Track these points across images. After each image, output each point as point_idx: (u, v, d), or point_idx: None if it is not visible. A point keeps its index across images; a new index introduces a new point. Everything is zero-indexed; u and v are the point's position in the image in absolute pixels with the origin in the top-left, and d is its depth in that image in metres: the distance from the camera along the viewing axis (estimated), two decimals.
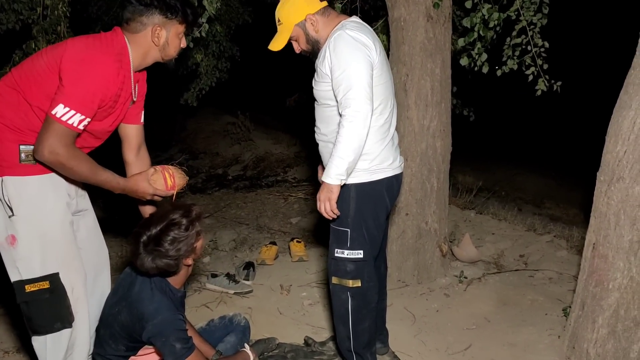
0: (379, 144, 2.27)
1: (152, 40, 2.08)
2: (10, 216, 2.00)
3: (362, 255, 2.30)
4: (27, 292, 2.02)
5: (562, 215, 5.84)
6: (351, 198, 2.28)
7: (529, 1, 3.45)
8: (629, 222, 2.35)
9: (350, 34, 2.15)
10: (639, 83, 2.30)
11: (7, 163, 1.98)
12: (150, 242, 1.98)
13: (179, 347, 2.00)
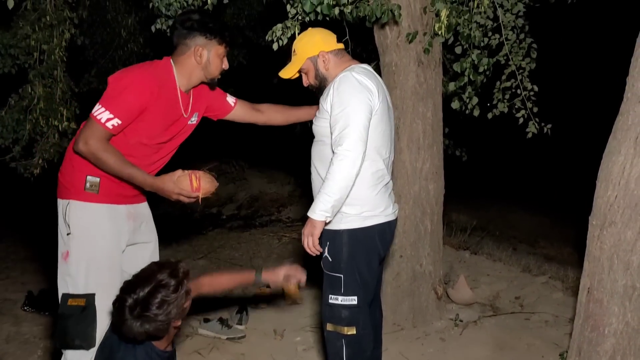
0: (371, 190, 2.28)
1: (195, 59, 2.31)
2: (68, 234, 2.26)
3: (356, 302, 2.28)
4: (67, 305, 2.22)
5: (557, 255, 5.83)
6: (343, 244, 2.28)
7: (517, 46, 3.52)
8: (623, 266, 2.35)
9: (356, 76, 2.21)
10: (627, 129, 2.33)
11: (74, 189, 2.27)
12: (137, 307, 1.79)
13: None
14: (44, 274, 4.87)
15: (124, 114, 2.17)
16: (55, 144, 4.28)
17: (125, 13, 6.02)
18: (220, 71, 2.41)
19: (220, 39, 2.33)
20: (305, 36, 2.40)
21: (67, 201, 2.28)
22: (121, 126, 2.19)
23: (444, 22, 3.04)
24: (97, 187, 2.26)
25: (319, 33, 2.40)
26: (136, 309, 1.79)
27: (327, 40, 2.38)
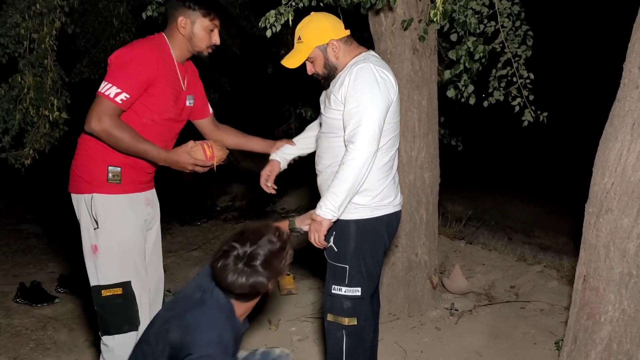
0: (382, 180, 2.25)
1: (180, 30, 2.30)
2: (95, 228, 2.26)
3: (359, 293, 2.26)
4: (103, 296, 2.27)
5: (552, 244, 5.83)
6: (351, 234, 2.25)
7: (513, 33, 3.48)
8: (619, 254, 2.34)
9: (376, 69, 2.14)
10: (623, 115, 2.31)
11: (97, 182, 2.26)
12: (244, 258, 1.83)
13: None
14: (36, 266, 4.85)
15: (132, 87, 2.17)
16: (46, 134, 4.21)
17: (116, 2, 5.93)
18: (208, 45, 2.37)
19: (205, 10, 2.30)
20: (312, 22, 2.23)
21: (90, 195, 2.27)
22: (130, 100, 2.18)
23: (439, 9, 3.00)
24: (119, 177, 2.28)
25: (327, 19, 2.25)
26: (243, 260, 1.83)
27: (337, 27, 2.24)
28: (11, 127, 4.11)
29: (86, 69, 6.21)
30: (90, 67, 6.23)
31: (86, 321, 3.64)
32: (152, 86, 2.24)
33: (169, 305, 2.03)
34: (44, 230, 6.22)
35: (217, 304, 1.89)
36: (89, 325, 3.58)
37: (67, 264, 4.84)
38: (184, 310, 1.90)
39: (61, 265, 4.79)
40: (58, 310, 3.82)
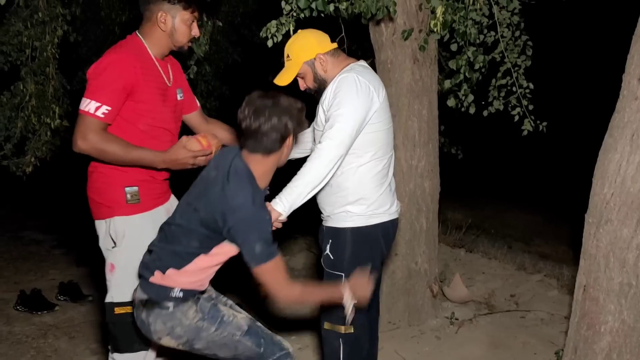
0: (377, 189, 2.26)
1: (159, 26, 2.25)
2: (113, 247, 2.26)
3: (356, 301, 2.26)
4: (115, 314, 2.26)
5: (552, 253, 5.83)
6: (347, 242, 2.26)
7: (513, 43, 3.51)
8: (619, 264, 2.35)
9: (357, 77, 2.16)
10: (623, 126, 2.32)
11: (116, 205, 2.24)
12: (269, 108, 1.88)
13: (258, 249, 1.82)
14: (36, 273, 4.85)
15: (110, 98, 2.12)
16: (48, 141, 4.23)
17: (119, 10, 5.96)
18: (189, 39, 2.34)
19: (185, 3, 2.25)
20: (298, 39, 2.30)
21: (110, 220, 2.25)
22: (112, 112, 2.13)
23: (439, 19, 3.02)
24: (137, 197, 2.25)
25: (312, 35, 2.31)
26: (268, 106, 1.87)
27: (322, 42, 2.29)
28: (13, 135, 4.14)
29: None
30: None
31: (86, 329, 3.64)
32: (135, 91, 2.18)
33: (188, 194, 2.01)
34: (45, 237, 6.22)
35: (236, 172, 1.90)
36: (89, 333, 3.59)
37: (67, 271, 4.84)
38: (205, 188, 1.93)
39: (62, 273, 4.79)
40: (58, 318, 3.81)
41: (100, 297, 4.13)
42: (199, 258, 1.92)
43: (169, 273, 1.92)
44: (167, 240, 1.96)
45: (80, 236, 6.21)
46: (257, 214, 1.85)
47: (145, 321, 1.94)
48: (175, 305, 1.93)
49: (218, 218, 1.84)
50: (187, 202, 1.97)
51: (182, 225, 1.93)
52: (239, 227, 1.82)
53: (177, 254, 1.92)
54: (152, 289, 1.94)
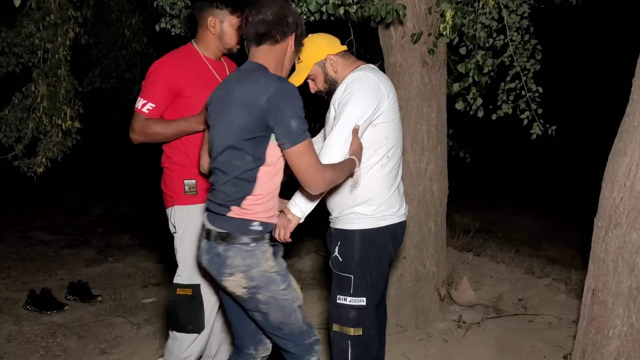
0: (386, 190, 2.27)
1: (210, 30, 2.50)
2: (174, 233, 2.54)
3: (364, 303, 2.27)
4: (176, 294, 2.48)
5: (560, 257, 5.82)
6: (355, 244, 2.27)
7: (522, 47, 3.51)
8: (628, 268, 2.34)
9: (368, 75, 2.20)
10: (633, 130, 2.32)
11: (177, 196, 2.51)
12: (272, 1, 1.96)
13: (294, 125, 1.82)
14: (45, 273, 4.89)
15: (155, 96, 2.42)
16: (59, 142, 4.26)
17: (129, 12, 6.02)
18: (237, 41, 2.53)
19: (232, 9, 2.47)
20: (309, 42, 2.31)
21: (171, 208, 2.54)
22: (157, 108, 2.43)
23: (448, 23, 3.03)
24: (195, 189, 2.49)
25: (322, 37, 2.35)
26: (269, 2, 1.95)
27: (332, 43, 2.34)
28: (24, 136, 4.17)
29: (98, 79, 6.29)
30: (102, 77, 6.31)
31: (95, 329, 3.67)
32: (182, 89, 2.44)
33: (212, 129, 2.00)
34: (53, 238, 6.26)
35: (248, 70, 1.95)
36: (98, 333, 3.61)
37: (76, 272, 4.88)
38: (226, 98, 1.93)
39: (70, 273, 4.82)
40: (67, 318, 3.84)
41: (110, 297, 4.18)
42: (260, 172, 1.91)
43: (246, 203, 1.93)
44: (224, 173, 1.94)
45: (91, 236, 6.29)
46: (286, 86, 1.87)
47: (223, 254, 1.93)
48: (256, 242, 1.94)
49: (252, 109, 1.84)
50: (217, 130, 1.96)
51: (227, 147, 1.91)
52: (274, 104, 1.81)
53: (241, 179, 1.91)
54: (231, 224, 1.94)
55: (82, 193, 8.68)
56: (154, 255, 5.37)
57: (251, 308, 2.01)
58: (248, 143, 1.87)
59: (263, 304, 1.97)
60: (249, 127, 1.85)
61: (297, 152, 1.85)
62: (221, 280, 1.96)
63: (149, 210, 7.54)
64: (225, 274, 1.94)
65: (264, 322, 2.02)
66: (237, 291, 1.96)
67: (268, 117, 1.82)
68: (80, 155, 5.46)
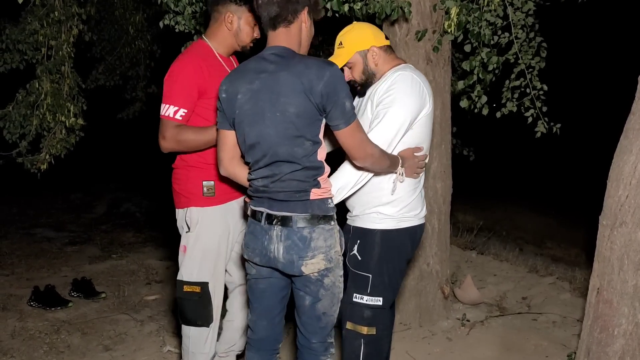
0: (412, 192, 2.26)
1: (226, 26, 2.43)
2: (187, 231, 2.51)
3: (380, 303, 2.25)
4: (183, 291, 2.50)
5: (564, 256, 5.80)
6: (376, 244, 2.25)
7: (527, 45, 3.50)
8: (633, 267, 2.33)
9: (414, 76, 2.17)
10: (638, 128, 2.31)
11: (194, 197, 2.47)
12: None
13: (349, 106, 1.86)
14: (49, 270, 4.90)
15: (185, 101, 2.35)
16: (62, 139, 4.27)
17: (133, 10, 6.01)
18: (252, 39, 2.49)
19: (250, 6, 2.39)
20: (354, 29, 2.27)
21: (187, 209, 2.50)
22: (188, 114, 2.37)
23: (453, 20, 3.02)
24: (213, 190, 2.46)
25: (369, 27, 2.28)
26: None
27: (378, 35, 2.27)
28: (28, 133, 4.18)
29: (102, 76, 6.29)
30: (106, 74, 6.31)
31: (99, 326, 3.67)
32: (205, 90, 2.38)
33: (252, 128, 1.93)
34: (57, 235, 6.27)
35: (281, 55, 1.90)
36: (102, 330, 3.62)
37: (80, 269, 4.88)
38: (271, 88, 1.88)
39: (74, 270, 4.83)
40: (71, 315, 3.85)
41: (113, 294, 4.19)
42: (319, 153, 1.93)
43: (322, 182, 1.95)
44: (289, 162, 1.90)
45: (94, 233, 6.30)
46: (336, 69, 1.86)
47: (308, 237, 1.92)
48: (334, 221, 1.98)
49: (310, 95, 1.82)
50: (267, 123, 1.89)
51: (286, 137, 1.88)
52: (332, 88, 1.82)
53: (310, 163, 1.91)
54: (314, 205, 1.94)
55: (85, 190, 8.69)
56: (157, 252, 5.38)
57: (310, 292, 1.99)
58: (307, 129, 1.87)
59: (324, 289, 1.98)
60: (307, 114, 1.85)
61: (350, 130, 1.89)
62: (300, 264, 1.93)
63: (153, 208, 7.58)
64: (307, 257, 1.93)
65: (309, 308, 2.01)
66: (315, 275, 1.96)
67: (326, 102, 1.83)
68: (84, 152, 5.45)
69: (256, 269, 2.07)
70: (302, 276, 1.96)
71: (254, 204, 2.03)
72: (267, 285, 2.08)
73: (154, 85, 6.40)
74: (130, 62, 6.39)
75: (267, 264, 2.01)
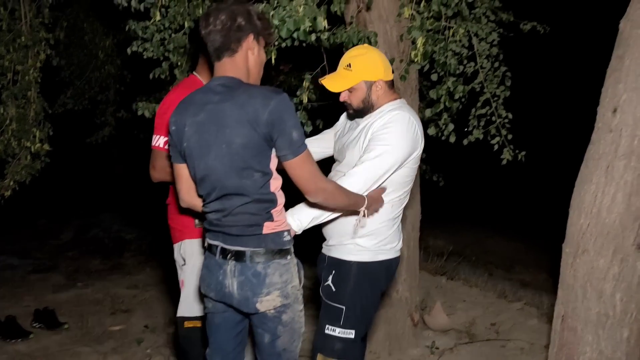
0: (390, 226, 2.25)
1: (207, 64, 2.46)
2: (182, 265, 2.54)
3: (353, 336, 2.22)
4: (185, 328, 2.49)
5: (532, 280, 5.86)
6: (351, 275, 2.23)
7: (492, 74, 3.57)
8: (596, 295, 2.36)
9: (411, 118, 2.16)
10: (598, 158, 2.36)
11: (187, 229, 2.51)
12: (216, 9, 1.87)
13: (296, 136, 1.79)
14: (10, 300, 4.74)
15: None
16: (27, 165, 4.17)
17: (103, 35, 5.99)
18: None
19: None
20: (368, 55, 2.23)
21: (181, 242, 2.55)
22: None
23: (420, 50, 3.07)
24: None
25: (382, 58, 2.25)
26: (215, 11, 1.86)
27: (387, 69, 2.24)
28: None
29: (70, 100, 6.21)
30: (74, 99, 6.23)
31: (61, 359, 3.55)
32: None
33: (201, 160, 1.87)
34: (21, 262, 6.10)
35: (227, 85, 1.85)
36: None
37: (43, 298, 4.74)
38: (216, 121, 1.82)
39: (37, 299, 4.68)
40: (32, 347, 3.72)
41: (77, 324, 4.07)
42: (272, 185, 1.87)
43: (275, 216, 1.89)
44: (240, 195, 1.85)
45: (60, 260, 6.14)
46: (284, 97, 1.80)
47: (262, 272, 1.86)
48: (290, 255, 1.93)
49: (255, 125, 1.76)
50: (213, 155, 1.84)
51: (233, 169, 1.82)
52: (277, 117, 1.76)
53: (261, 196, 1.85)
54: (267, 239, 1.88)
55: (52, 216, 8.50)
56: (125, 280, 5.26)
57: (268, 329, 1.93)
58: (254, 161, 1.81)
59: (282, 326, 1.92)
60: (254, 145, 1.79)
61: (298, 162, 1.82)
62: (255, 302, 1.87)
63: (122, 234, 7.45)
64: (262, 293, 1.87)
65: (269, 346, 1.95)
66: (271, 312, 1.90)
67: (272, 131, 1.78)
68: (52, 177, 5.34)
69: (212, 303, 2.01)
70: (258, 313, 1.91)
71: (209, 237, 1.99)
72: (222, 320, 2.03)
73: (124, 110, 6.33)
74: (99, 86, 6.33)
75: (222, 299, 1.96)
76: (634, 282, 2.34)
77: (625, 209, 2.31)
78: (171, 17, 3.19)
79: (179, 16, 3.19)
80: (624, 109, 2.31)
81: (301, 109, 3.37)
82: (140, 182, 2.54)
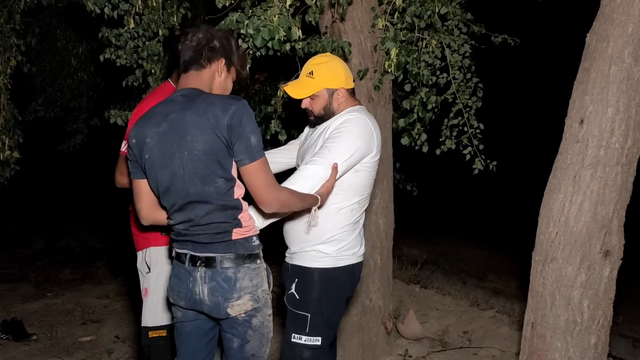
0: (351, 232, 2.26)
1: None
2: (147, 272, 2.50)
3: (319, 343, 2.22)
4: (149, 337, 2.45)
5: (504, 288, 5.94)
6: (314, 282, 2.23)
7: (464, 85, 3.63)
8: (564, 302, 2.41)
9: (367, 120, 2.19)
10: (565, 168, 2.41)
11: (152, 236, 2.49)
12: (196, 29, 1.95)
13: (254, 141, 1.81)
14: None
15: None
16: None
17: (75, 42, 5.92)
18: None
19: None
20: (329, 64, 2.26)
21: (146, 249, 2.52)
22: None
23: (393, 61, 3.10)
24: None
25: (343, 67, 2.27)
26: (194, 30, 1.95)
27: (349, 78, 2.27)
28: None
29: (41, 107, 6.11)
30: (46, 106, 6.13)
31: None
32: None
33: (161, 169, 1.87)
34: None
35: (188, 95, 1.88)
36: None
37: (11, 308, 4.64)
38: (176, 130, 1.83)
39: (5, 310, 4.58)
40: None
41: (45, 335, 3.99)
42: (236, 191, 1.88)
43: (243, 220, 1.90)
44: (205, 203, 1.85)
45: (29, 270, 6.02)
46: (244, 103, 1.83)
47: (232, 277, 1.87)
48: (259, 260, 1.95)
49: (216, 131, 1.78)
50: (175, 164, 1.84)
51: (196, 177, 1.83)
52: (236, 121, 1.78)
53: (226, 202, 1.86)
54: (237, 245, 1.90)
55: (22, 225, 8.33)
56: (96, 290, 5.18)
57: (237, 334, 1.93)
58: (216, 166, 1.82)
59: (252, 330, 1.93)
60: (215, 150, 1.80)
61: (254, 168, 1.84)
62: (226, 306, 1.88)
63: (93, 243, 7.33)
64: (233, 298, 1.88)
65: (238, 351, 1.95)
66: (241, 317, 1.91)
67: (231, 135, 1.79)
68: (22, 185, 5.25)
69: (182, 312, 2.01)
70: (228, 318, 1.92)
71: (177, 246, 1.99)
72: (193, 329, 2.02)
73: (97, 117, 6.26)
74: (71, 93, 6.24)
75: (193, 307, 1.95)
76: (600, 289, 2.40)
77: (591, 218, 2.36)
78: (145, 25, 3.18)
79: (153, 24, 3.18)
80: (590, 120, 2.36)
81: (275, 118, 3.38)
82: (111, 190, 2.50)
